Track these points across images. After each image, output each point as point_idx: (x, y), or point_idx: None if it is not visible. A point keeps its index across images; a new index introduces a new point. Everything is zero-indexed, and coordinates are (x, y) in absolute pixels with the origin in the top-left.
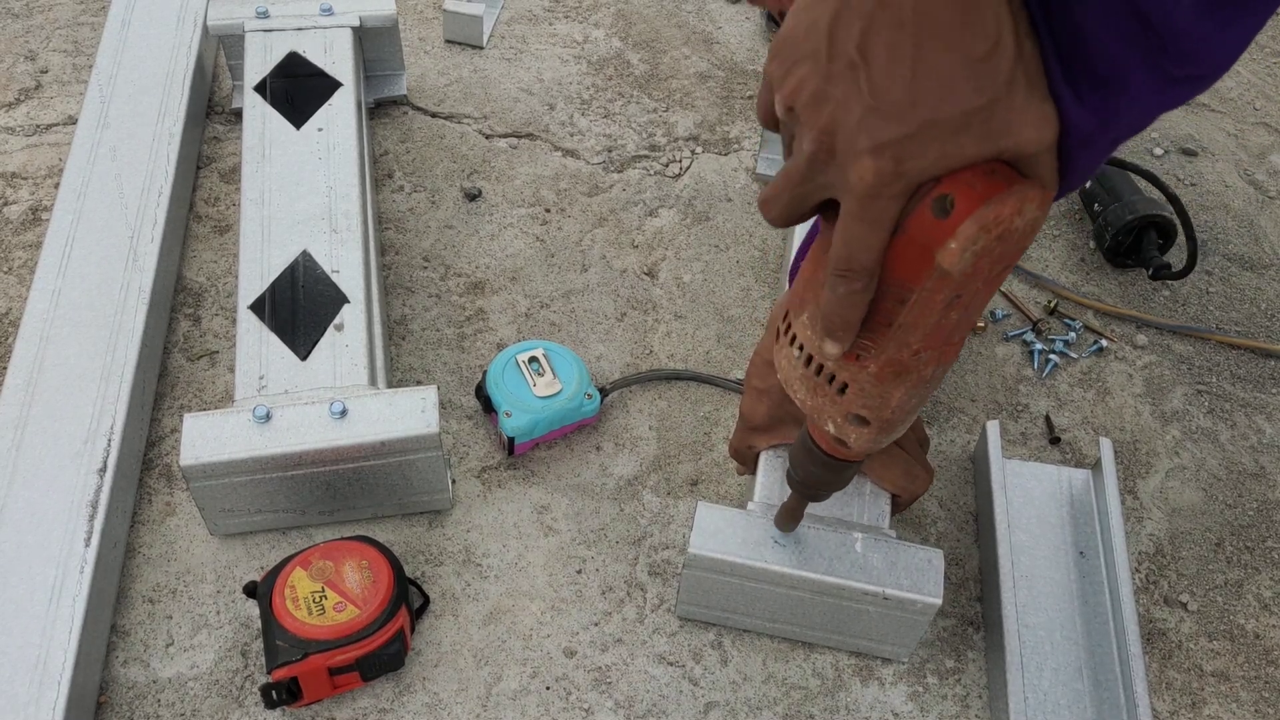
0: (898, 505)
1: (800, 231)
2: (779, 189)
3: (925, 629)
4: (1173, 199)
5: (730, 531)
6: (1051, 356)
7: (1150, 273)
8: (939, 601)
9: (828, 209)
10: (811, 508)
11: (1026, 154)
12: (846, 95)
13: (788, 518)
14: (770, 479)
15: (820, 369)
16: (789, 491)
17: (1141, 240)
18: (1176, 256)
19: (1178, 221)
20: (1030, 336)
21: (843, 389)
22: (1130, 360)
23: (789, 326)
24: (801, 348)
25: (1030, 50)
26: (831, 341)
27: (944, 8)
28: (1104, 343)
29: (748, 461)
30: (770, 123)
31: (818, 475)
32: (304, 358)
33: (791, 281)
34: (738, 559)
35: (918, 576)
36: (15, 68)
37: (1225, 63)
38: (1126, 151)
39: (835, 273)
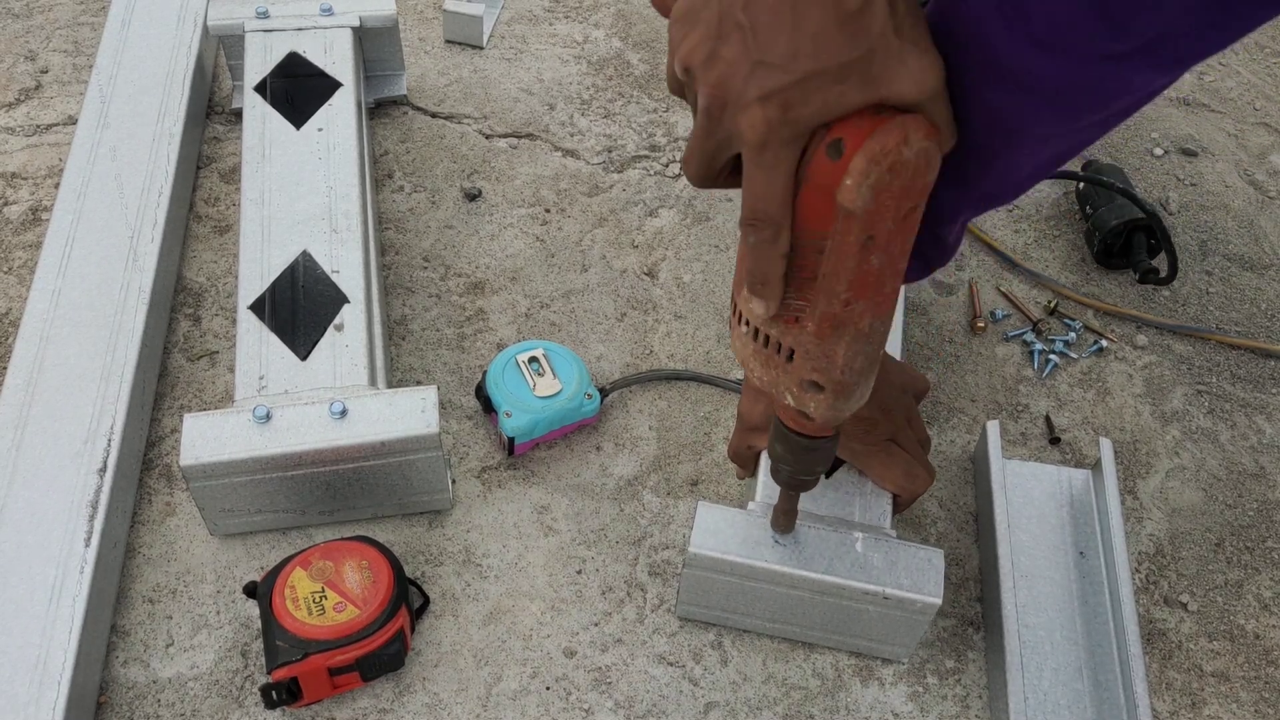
0: (898, 505)
1: None
2: (692, 147)
3: (926, 629)
4: (1151, 215)
5: (731, 531)
6: (1051, 356)
7: (1137, 277)
8: (939, 601)
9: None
10: (813, 507)
11: (908, 101)
12: (735, 54)
13: (782, 518)
14: (771, 477)
15: (768, 340)
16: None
17: (1131, 243)
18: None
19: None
20: (1030, 337)
21: (790, 356)
22: (1130, 360)
23: (735, 307)
24: (748, 323)
25: (904, 8)
26: (757, 300)
27: None
28: (1104, 343)
29: (747, 463)
30: (675, 87)
31: (797, 460)
32: (304, 358)
33: None
34: (738, 558)
35: (918, 576)
36: (15, 68)
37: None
38: (1127, 151)
39: (743, 224)
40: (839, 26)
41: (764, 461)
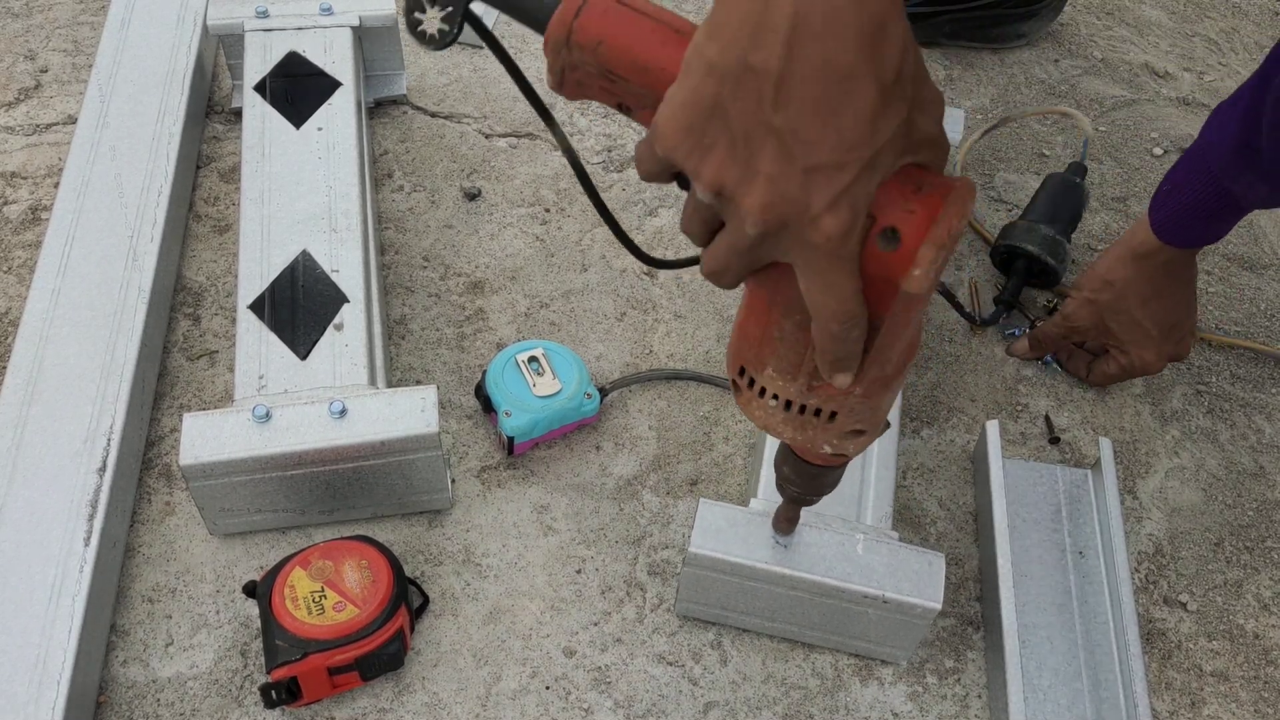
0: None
1: None
2: (726, 262)
3: (925, 632)
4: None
5: (732, 530)
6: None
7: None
8: (939, 606)
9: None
10: (815, 507)
11: (930, 136)
12: (777, 166)
13: (785, 523)
14: (774, 476)
15: (803, 409)
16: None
17: (1010, 265)
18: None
19: (1051, 268)
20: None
21: (832, 416)
22: None
23: (751, 383)
24: (776, 397)
25: (915, 56)
26: (842, 375)
27: (853, 48)
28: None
29: (1045, 349)
30: (656, 177)
31: (808, 485)
32: (303, 357)
33: None
34: (738, 559)
35: (918, 580)
36: (15, 67)
37: None
38: (1126, 151)
39: (838, 325)
40: (883, 99)
41: (766, 457)
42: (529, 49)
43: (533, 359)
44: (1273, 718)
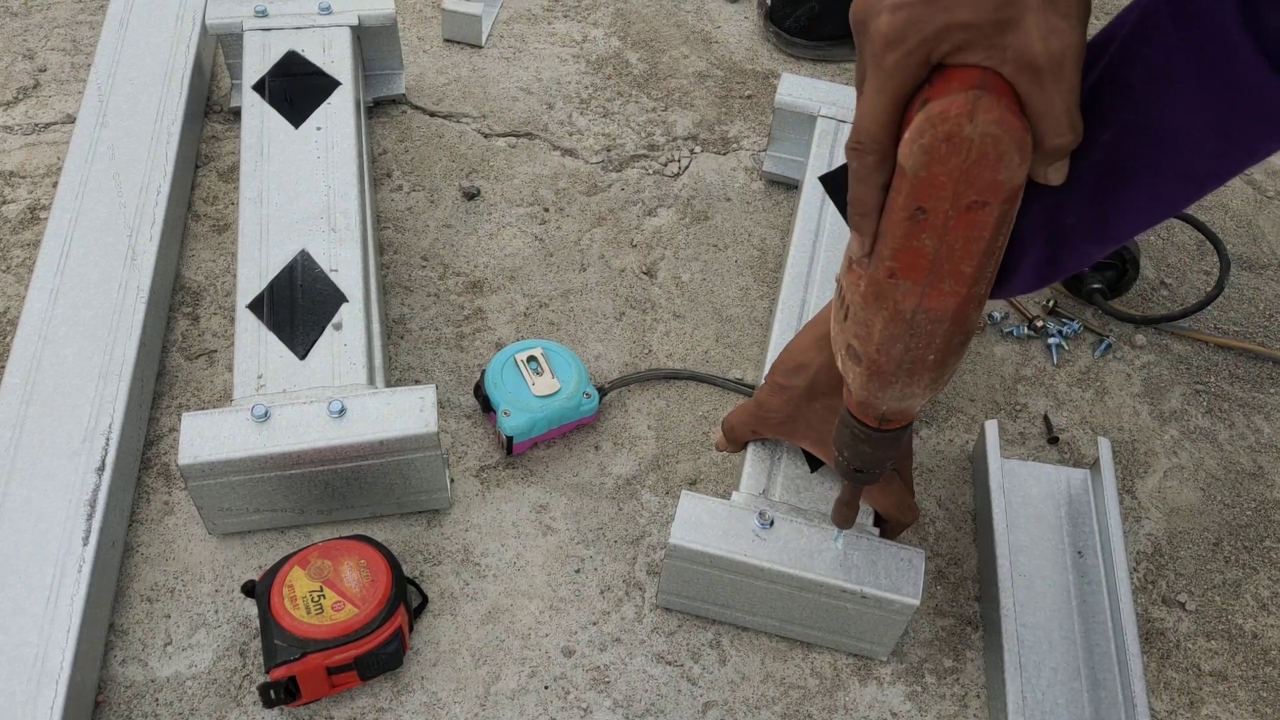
0: (887, 532)
1: (800, 233)
2: (858, 104)
3: (904, 628)
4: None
5: (713, 523)
6: (1061, 342)
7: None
8: (917, 602)
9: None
10: (796, 501)
11: (1026, 59)
12: None
13: (841, 509)
14: (756, 470)
15: (841, 296)
16: (779, 483)
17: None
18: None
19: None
20: (1051, 328)
21: (846, 314)
22: (1129, 360)
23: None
24: (838, 277)
25: None
26: (855, 236)
27: None
28: (1111, 340)
29: (739, 442)
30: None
31: (850, 446)
32: (302, 357)
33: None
34: (718, 551)
35: (897, 576)
36: (14, 66)
37: None
38: None
39: (849, 147)
40: None
41: (751, 452)
42: (528, 48)
43: (531, 359)
44: (1271, 717)
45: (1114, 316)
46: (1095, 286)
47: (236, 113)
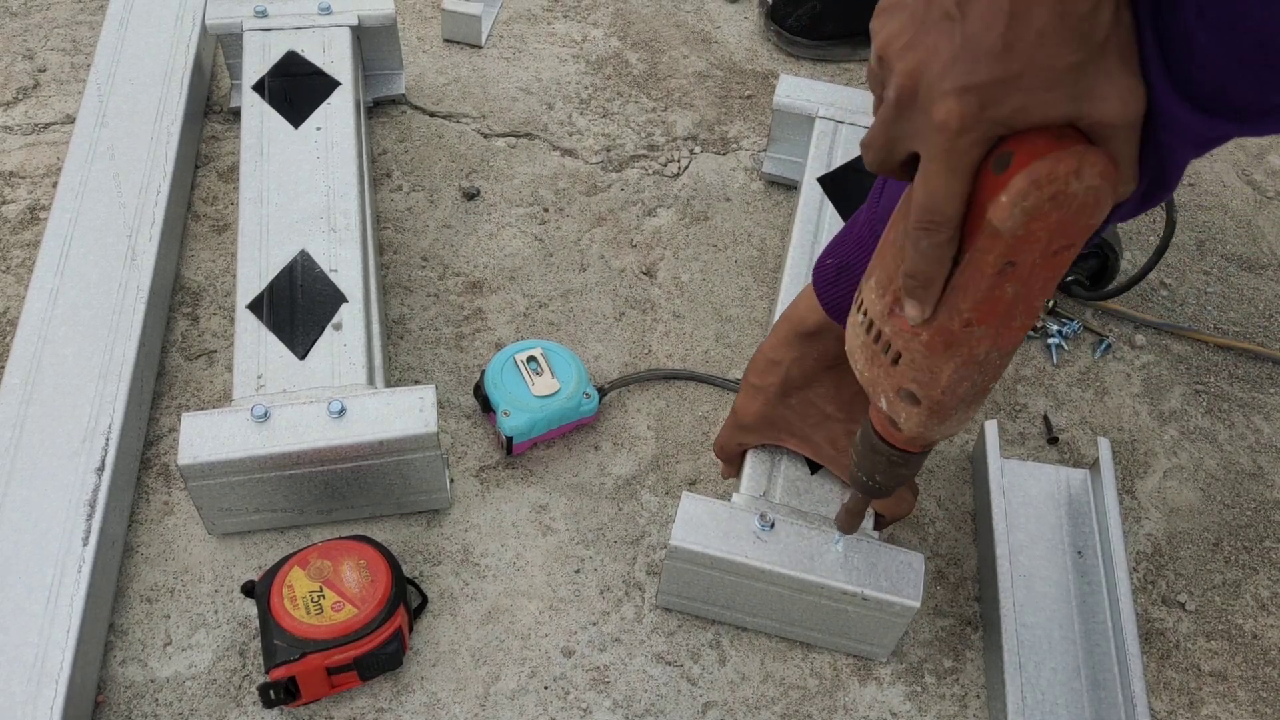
0: (880, 523)
1: (799, 233)
2: (873, 133)
3: (904, 630)
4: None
5: (713, 524)
6: (1062, 343)
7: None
8: (917, 604)
9: (912, 169)
10: (796, 503)
11: (1106, 123)
12: (937, 42)
13: (847, 517)
14: (757, 472)
15: (879, 337)
16: (780, 485)
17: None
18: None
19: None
20: (1053, 328)
21: (896, 359)
22: (1128, 360)
23: (859, 295)
24: (865, 314)
25: (1127, 20)
26: (912, 302)
27: None
28: (1111, 340)
29: (734, 460)
30: (873, 82)
31: (873, 464)
32: (302, 357)
33: (815, 277)
34: (719, 553)
35: (897, 578)
36: (13, 66)
37: None
38: None
39: (917, 225)
40: (1061, 27)
41: (751, 456)
42: (528, 48)
43: (531, 359)
44: (1271, 718)
45: (1069, 295)
46: (1070, 279)
47: (236, 113)
